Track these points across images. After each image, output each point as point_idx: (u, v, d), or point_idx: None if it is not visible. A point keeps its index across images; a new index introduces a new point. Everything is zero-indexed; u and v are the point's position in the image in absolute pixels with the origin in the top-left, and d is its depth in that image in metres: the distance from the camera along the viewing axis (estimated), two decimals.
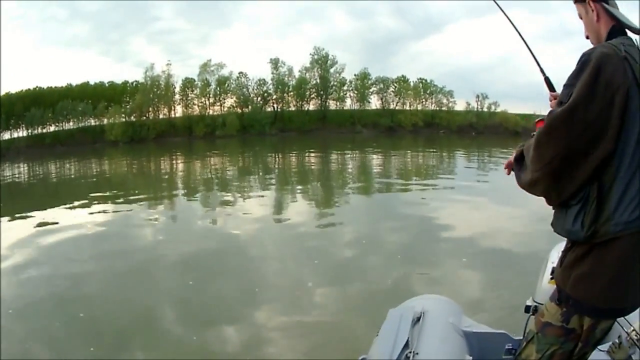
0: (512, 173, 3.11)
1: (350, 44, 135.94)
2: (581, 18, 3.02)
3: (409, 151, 54.94)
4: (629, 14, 2.89)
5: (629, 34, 2.87)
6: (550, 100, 3.21)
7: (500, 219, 16.35)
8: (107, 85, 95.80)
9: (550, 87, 3.41)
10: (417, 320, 3.93)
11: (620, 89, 2.56)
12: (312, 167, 42.87)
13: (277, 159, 51.83)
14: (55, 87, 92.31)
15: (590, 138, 2.59)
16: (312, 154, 53.99)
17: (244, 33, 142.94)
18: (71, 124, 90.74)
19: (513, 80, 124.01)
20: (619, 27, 2.84)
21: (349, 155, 50.22)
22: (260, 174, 37.68)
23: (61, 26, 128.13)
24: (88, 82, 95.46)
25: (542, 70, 3.58)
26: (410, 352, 3.46)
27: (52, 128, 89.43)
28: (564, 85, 2.74)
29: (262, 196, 25.31)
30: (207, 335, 8.67)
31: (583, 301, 2.74)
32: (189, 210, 21.59)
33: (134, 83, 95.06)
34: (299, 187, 28.90)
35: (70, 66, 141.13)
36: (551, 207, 2.92)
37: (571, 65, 2.76)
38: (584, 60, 2.66)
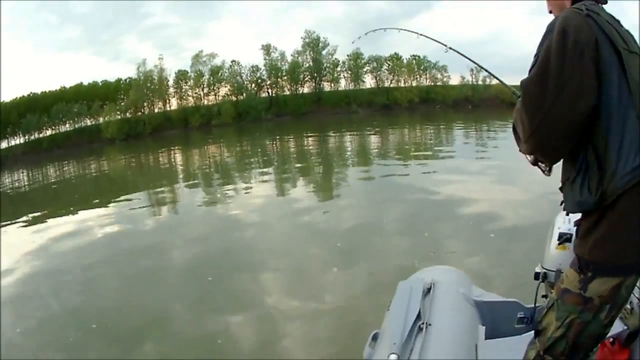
0: None
1: (342, 26, 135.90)
2: None
3: (406, 128, 54.99)
4: (628, 14, 2.86)
5: None
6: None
7: (505, 191, 16.32)
8: (100, 84, 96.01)
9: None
10: (428, 291, 3.92)
11: (589, 44, 2.55)
12: (311, 149, 42.89)
13: (274, 144, 51.73)
14: (49, 91, 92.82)
15: (570, 97, 2.56)
16: (310, 137, 54.04)
17: (236, 23, 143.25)
18: (67, 126, 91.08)
19: (507, 54, 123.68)
20: None
21: (348, 137, 50.14)
22: (260, 160, 37.60)
23: (53, 31, 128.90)
24: (81, 83, 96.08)
25: (513, 92, 3.80)
26: (423, 324, 3.44)
27: (48, 132, 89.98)
28: (534, 55, 2.72)
29: (265, 181, 25.54)
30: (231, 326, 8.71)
31: (604, 263, 2.66)
32: (192, 204, 21.43)
33: (127, 80, 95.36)
34: (300, 171, 28.83)
35: (64, 70, 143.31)
36: (559, 189, 2.89)
37: None
38: (548, 29, 2.68)
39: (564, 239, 3.27)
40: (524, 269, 4.91)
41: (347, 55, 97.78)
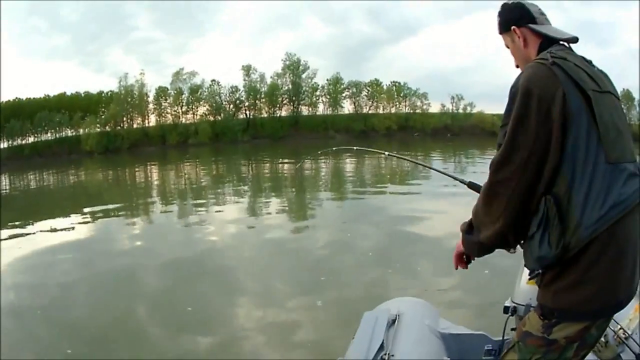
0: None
1: (325, 50, 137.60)
2: (508, 47, 3.00)
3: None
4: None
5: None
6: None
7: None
8: (82, 95, 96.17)
9: (477, 190, 3.47)
10: (393, 322, 3.91)
11: (555, 97, 2.49)
12: (285, 174, 43.01)
13: (250, 166, 51.95)
14: (34, 98, 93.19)
15: (537, 161, 2.52)
16: (286, 161, 54.01)
17: (219, 42, 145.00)
18: (49, 134, 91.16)
19: (490, 82, 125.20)
20: (546, 42, 2.81)
21: (323, 161, 50.27)
22: (234, 182, 37.71)
23: (42, 38, 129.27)
24: (65, 92, 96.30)
25: (461, 180, 3.91)
26: (386, 354, 3.46)
27: (31, 139, 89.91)
28: (501, 127, 2.71)
29: (237, 203, 25.62)
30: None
31: (569, 309, 2.59)
32: (167, 220, 21.53)
33: (109, 93, 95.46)
34: (274, 195, 28.97)
35: (50, 77, 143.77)
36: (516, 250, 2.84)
37: None
38: (512, 92, 2.61)
39: (534, 274, 3.23)
40: (493, 302, 4.88)
41: (327, 80, 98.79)
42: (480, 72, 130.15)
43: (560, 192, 2.49)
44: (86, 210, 25.03)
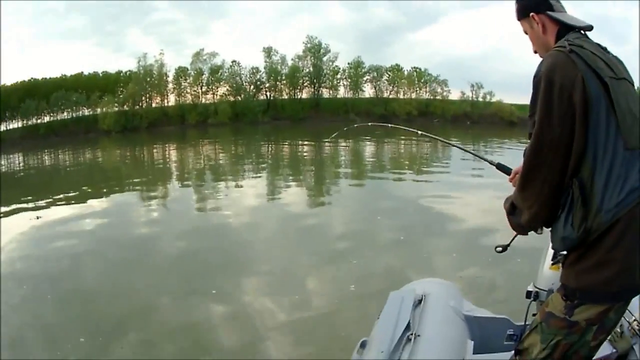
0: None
1: (346, 35, 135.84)
2: (526, 33, 3.05)
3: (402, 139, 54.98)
4: (629, 14, 2.84)
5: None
6: (511, 181, 3.31)
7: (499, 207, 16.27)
8: (100, 75, 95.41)
9: (506, 172, 3.51)
10: (419, 302, 3.97)
11: (575, 85, 2.58)
12: (305, 155, 42.94)
13: (269, 147, 51.91)
14: (50, 78, 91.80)
15: (564, 147, 2.63)
16: (306, 143, 54.01)
17: (240, 24, 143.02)
18: (65, 114, 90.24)
19: (508, 71, 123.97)
20: (564, 29, 2.87)
21: (344, 145, 50.04)
22: (254, 162, 37.67)
23: (59, 19, 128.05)
24: (82, 72, 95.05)
25: (490, 161, 3.97)
26: (412, 334, 3.51)
27: (46, 119, 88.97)
28: (529, 116, 2.79)
29: (258, 183, 25.73)
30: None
31: (592, 290, 2.69)
32: (182, 200, 21.64)
33: (127, 73, 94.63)
34: (293, 176, 28.88)
35: (67, 58, 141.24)
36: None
37: None
38: (535, 82, 2.72)
39: (557, 259, 3.26)
40: (516, 287, 4.90)
41: (348, 63, 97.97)
42: (498, 60, 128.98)
43: (585, 176, 2.62)
44: (103, 187, 25.45)
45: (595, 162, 2.59)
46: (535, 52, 3.02)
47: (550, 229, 2.86)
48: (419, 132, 4.62)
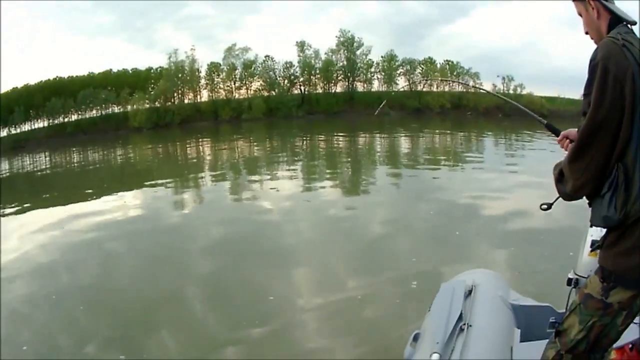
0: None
1: (379, 27, 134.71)
2: (580, 15, 3.20)
3: (436, 133, 54.74)
4: (629, 14, 3.04)
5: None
6: (559, 142, 3.44)
7: (533, 198, 16.28)
8: (130, 72, 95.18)
9: (555, 132, 3.60)
10: (469, 293, 4.10)
11: (626, 76, 2.77)
12: (341, 149, 42.52)
13: (305, 142, 51.54)
14: (77, 76, 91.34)
15: (613, 134, 2.81)
16: (341, 136, 53.88)
17: (272, 18, 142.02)
18: (94, 112, 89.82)
19: (539, 64, 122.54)
20: (615, 19, 3.04)
21: (379, 138, 49.92)
22: (289, 157, 37.43)
23: (85, 16, 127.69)
24: (111, 69, 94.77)
25: (539, 120, 4.01)
26: (465, 324, 3.64)
27: (74, 117, 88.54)
28: (583, 95, 2.97)
29: (294, 179, 25.46)
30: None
31: (625, 274, 2.90)
32: (218, 198, 21.48)
33: (158, 69, 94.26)
34: (330, 171, 28.70)
35: (94, 55, 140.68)
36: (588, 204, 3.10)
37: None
38: (592, 65, 2.88)
39: (596, 246, 3.43)
40: (558, 275, 5.01)
41: (382, 57, 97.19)
42: (529, 53, 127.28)
43: (629, 162, 2.81)
44: (135, 186, 25.43)
45: (638, 152, 2.79)
46: (586, 33, 3.20)
47: (590, 206, 3.05)
48: (471, 84, 4.66)
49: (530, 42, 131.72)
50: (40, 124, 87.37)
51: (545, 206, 3.88)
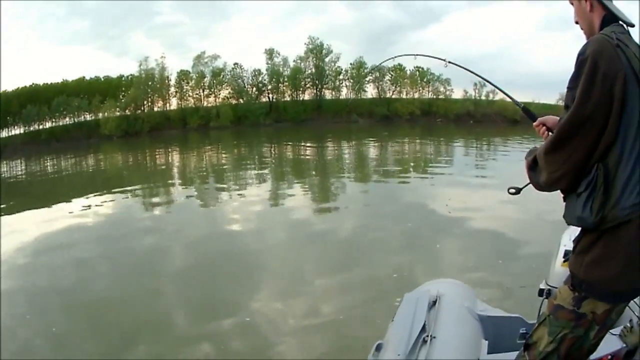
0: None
1: (350, 35, 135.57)
2: (572, 4, 3.08)
3: (417, 139, 54.96)
4: (629, 14, 2.91)
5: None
6: (536, 128, 3.34)
7: (506, 207, 16.30)
8: (102, 79, 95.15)
9: (531, 117, 3.48)
10: (434, 304, 3.98)
11: (617, 77, 2.64)
12: (309, 158, 42.77)
13: (272, 150, 51.77)
14: (51, 83, 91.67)
15: (596, 132, 2.68)
16: (309, 145, 53.91)
17: (243, 26, 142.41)
18: (67, 119, 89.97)
19: (513, 70, 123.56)
20: (610, 16, 2.91)
21: (347, 146, 50.07)
22: (256, 166, 37.41)
23: (60, 23, 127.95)
24: (84, 77, 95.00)
25: (516, 102, 3.82)
26: (428, 336, 3.52)
27: (48, 124, 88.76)
28: (567, 88, 2.82)
29: (261, 188, 25.50)
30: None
31: (596, 285, 2.76)
32: (187, 206, 21.57)
33: (129, 77, 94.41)
34: (297, 179, 28.74)
35: (69, 62, 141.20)
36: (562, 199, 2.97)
37: (572, 56, 2.85)
38: (581, 60, 2.75)
39: (569, 256, 3.29)
40: (528, 285, 4.94)
41: (350, 64, 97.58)
42: (502, 59, 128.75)
43: (610, 164, 2.67)
44: (105, 193, 25.25)
45: (621, 156, 2.66)
46: (577, 22, 3.08)
47: (564, 201, 2.93)
48: (446, 60, 4.56)
49: (505, 47, 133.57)
50: (16, 130, 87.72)
51: (514, 190, 3.77)
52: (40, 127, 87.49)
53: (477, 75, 4.03)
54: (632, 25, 2.92)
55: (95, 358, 7.98)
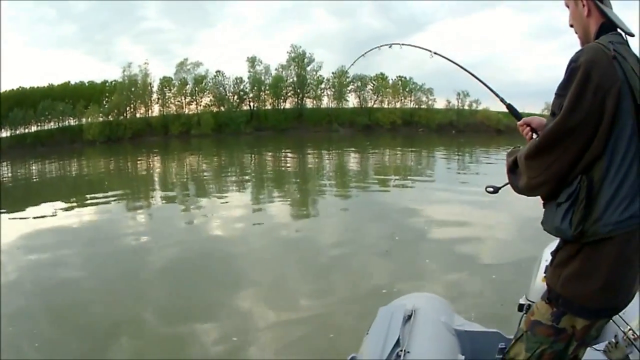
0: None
1: (334, 43, 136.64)
2: (567, 7, 2.98)
3: (398, 150, 55.01)
4: (629, 14, 2.83)
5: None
6: (520, 127, 3.23)
7: (486, 218, 16.30)
8: (87, 84, 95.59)
9: (516, 116, 3.40)
10: (409, 318, 3.88)
11: (611, 90, 2.54)
12: (289, 167, 42.77)
13: (252, 158, 51.70)
14: (38, 87, 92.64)
15: (582, 144, 2.59)
16: (289, 154, 53.85)
17: (228, 33, 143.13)
18: (52, 124, 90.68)
19: (498, 78, 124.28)
20: (609, 24, 2.80)
21: (327, 156, 50.11)
22: (237, 175, 37.27)
23: (50, 27, 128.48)
24: (69, 82, 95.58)
25: (502, 100, 3.66)
26: (402, 351, 3.43)
27: (34, 128, 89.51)
28: (555, 95, 2.74)
29: (239, 195, 25.74)
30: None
31: (573, 301, 2.71)
32: (166, 215, 21.18)
33: (113, 82, 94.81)
34: (277, 189, 28.61)
35: (57, 67, 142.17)
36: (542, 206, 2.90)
37: (558, 65, 2.82)
38: (573, 67, 2.64)
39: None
40: (507, 299, 4.88)
41: (332, 73, 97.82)
42: (487, 68, 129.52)
43: (595, 177, 2.59)
44: (87, 199, 25.17)
45: (608, 170, 2.58)
46: (571, 25, 2.98)
47: (544, 207, 2.87)
48: (432, 51, 4.46)
49: (490, 57, 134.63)
50: (3, 133, 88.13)
51: (492, 189, 3.73)
52: (26, 130, 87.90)
53: (462, 68, 3.95)
54: (632, 35, 2.82)
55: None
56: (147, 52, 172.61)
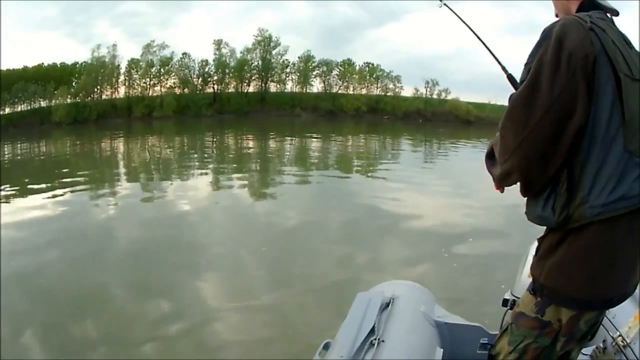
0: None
1: (308, 30, 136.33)
2: None
3: (349, 136, 55.20)
4: (628, 14, 2.63)
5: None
6: None
7: (455, 206, 16.43)
8: (59, 66, 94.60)
9: (515, 86, 3.02)
10: (386, 305, 3.77)
11: (585, 60, 2.33)
12: (251, 151, 42.96)
13: (213, 142, 52.17)
14: (14, 69, 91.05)
15: (558, 116, 2.37)
16: (250, 138, 54.51)
17: (203, 18, 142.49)
18: (24, 105, 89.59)
19: (471, 70, 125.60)
20: (589, 2, 2.64)
21: (288, 141, 50.09)
22: (198, 157, 37.75)
23: (34, 8, 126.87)
24: (42, 63, 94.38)
25: (503, 68, 3.26)
26: (376, 339, 3.36)
27: (7, 110, 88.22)
28: (525, 64, 2.55)
29: (202, 179, 25.82)
30: None
31: (558, 290, 2.54)
32: (130, 196, 21.29)
33: (83, 64, 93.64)
34: (238, 173, 28.48)
35: (37, 48, 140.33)
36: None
37: None
38: (544, 34, 2.47)
39: None
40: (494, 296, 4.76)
41: (298, 57, 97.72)
42: (460, 60, 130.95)
43: (575, 159, 2.41)
44: (54, 181, 24.95)
45: (590, 149, 2.36)
46: (557, 15, 2.79)
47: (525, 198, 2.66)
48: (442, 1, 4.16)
49: (463, 48, 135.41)
50: None
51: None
52: (1, 112, 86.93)
53: (469, 27, 3.65)
54: (616, 14, 2.61)
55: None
56: (124, 35, 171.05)
